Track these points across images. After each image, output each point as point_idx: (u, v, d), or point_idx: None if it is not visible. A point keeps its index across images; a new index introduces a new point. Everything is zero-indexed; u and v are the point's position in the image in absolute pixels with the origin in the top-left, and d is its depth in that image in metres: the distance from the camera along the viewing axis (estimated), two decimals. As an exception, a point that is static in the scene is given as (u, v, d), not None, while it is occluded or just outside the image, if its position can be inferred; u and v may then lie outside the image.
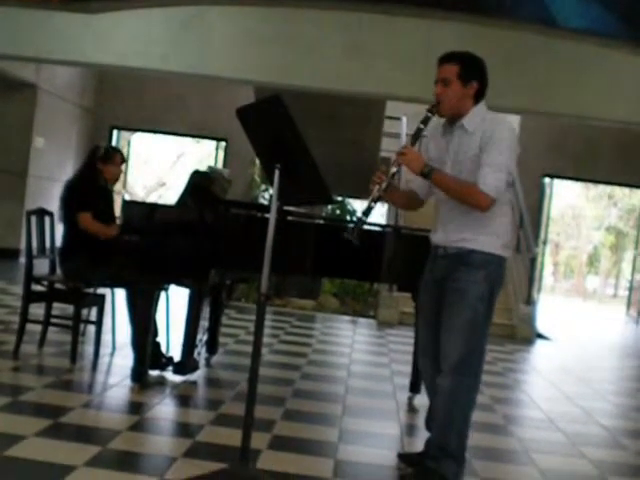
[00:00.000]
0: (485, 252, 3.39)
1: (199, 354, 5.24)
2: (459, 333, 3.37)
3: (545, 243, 15.13)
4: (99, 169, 5.28)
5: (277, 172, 3.18)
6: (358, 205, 13.50)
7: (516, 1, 7.63)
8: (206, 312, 5.45)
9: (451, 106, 3.42)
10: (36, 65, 11.43)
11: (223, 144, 14.13)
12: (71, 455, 3.27)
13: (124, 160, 5.48)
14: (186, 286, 5.10)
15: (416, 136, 3.45)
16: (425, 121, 3.43)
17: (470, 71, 3.43)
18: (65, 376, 4.76)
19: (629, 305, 15.87)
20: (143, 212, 4.99)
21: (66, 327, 5.25)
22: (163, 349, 5.16)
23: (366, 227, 3.48)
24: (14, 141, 12.01)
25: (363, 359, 6.93)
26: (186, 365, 4.98)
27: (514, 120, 11.96)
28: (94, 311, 5.42)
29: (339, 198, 12.20)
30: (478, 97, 3.46)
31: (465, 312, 3.37)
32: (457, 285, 3.40)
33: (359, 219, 3.38)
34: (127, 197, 14.51)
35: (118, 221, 5.35)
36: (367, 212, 3.40)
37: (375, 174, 3.43)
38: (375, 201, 3.43)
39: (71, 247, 5.13)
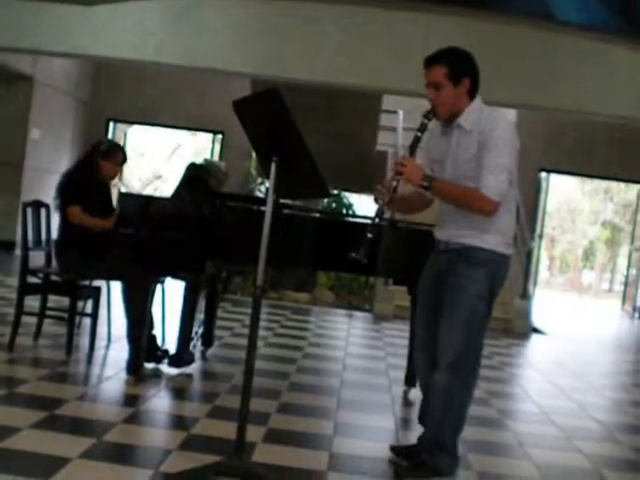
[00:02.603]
0: (487, 249, 3.36)
1: (195, 347, 5.24)
2: (457, 330, 3.36)
3: (541, 237, 15.14)
4: (98, 164, 5.20)
5: (273, 165, 3.17)
6: (355, 199, 13.48)
7: (514, -5, 7.62)
8: (202, 305, 5.45)
9: (447, 108, 3.37)
10: (33, 57, 11.39)
11: (220, 137, 14.10)
12: (66, 447, 3.27)
13: (125, 160, 5.36)
14: (182, 279, 5.09)
15: (414, 145, 3.38)
16: (422, 129, 3.37)
17: (459, 69, 3.35)
18: (60, 368, 4.76)
19: (624, 300, 15.88)
20: (139, 204, 4.98)
21: (61, 319, 5.25)
22: (159, 342, 5.15)
23: (362, 220, 3.48)
24: (10, 133, 11.97)
25: (358, 352, 6.94)
26: (182, 358, 4.98)
27: (510, 114, 11.96)
28: (90, 303, 5.41)
29: (335, 191, 12.18)
30: (472, 92, 3.40)
31: (464, 309, 3.35)
32: (457, 282, 3.38)
33: (366, 237, 3.29)
34: (123, 189, 14.46)
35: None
36: (372, 229, 3.33)
37: (376, 190, 3.38)
38: (379, 216, 3.39)
39: (67, 239, 5.11)
